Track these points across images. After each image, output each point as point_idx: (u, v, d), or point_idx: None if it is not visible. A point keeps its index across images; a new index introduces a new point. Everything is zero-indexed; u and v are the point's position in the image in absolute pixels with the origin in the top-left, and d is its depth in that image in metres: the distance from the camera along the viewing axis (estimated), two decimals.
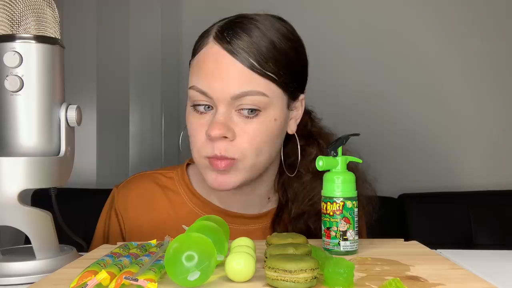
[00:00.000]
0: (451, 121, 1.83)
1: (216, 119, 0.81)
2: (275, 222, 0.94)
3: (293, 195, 0.93)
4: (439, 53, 1.83)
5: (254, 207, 0.95)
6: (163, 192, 0.96)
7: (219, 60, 0.82)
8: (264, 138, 0.83)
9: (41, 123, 0.70)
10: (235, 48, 0.81)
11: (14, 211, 0.67)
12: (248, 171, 0.84)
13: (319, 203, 0.80)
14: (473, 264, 0.66)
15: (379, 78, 1.83)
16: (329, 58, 1.82)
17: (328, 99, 1.76)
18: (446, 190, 1.75)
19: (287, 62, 0.85)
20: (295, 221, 0.91)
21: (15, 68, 0.68)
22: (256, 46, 0.81)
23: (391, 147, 1.81)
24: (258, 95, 0.81)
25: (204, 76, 0.82)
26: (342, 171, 0.73)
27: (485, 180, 1.78)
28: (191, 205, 0.94)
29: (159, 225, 0.93)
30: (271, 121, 0.84)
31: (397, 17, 1.84)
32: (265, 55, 0.81)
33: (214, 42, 0.83)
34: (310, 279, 0.54)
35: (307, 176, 0.92)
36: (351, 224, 0.71)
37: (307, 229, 0.90)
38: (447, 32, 1.83)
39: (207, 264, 0.54)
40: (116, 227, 0.96)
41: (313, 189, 0.91)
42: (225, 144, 0.81)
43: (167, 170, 0.99)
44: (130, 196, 0.96)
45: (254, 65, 0.80)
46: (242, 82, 0.81)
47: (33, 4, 0.69)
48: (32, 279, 0.65)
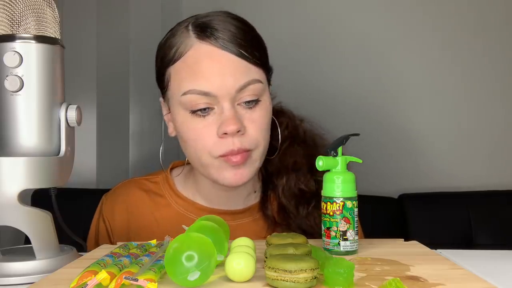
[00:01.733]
0: (451, 121, 1.83)
1: (226, 115, 0.82)
2: (264, 203, 0.95)
3: (275, 167, 0.95)
4: (439, 53, 1.83)
5: (239, 201, 0.95)
6: (148, 197, 0.97)
7: (213, 56, 0.82)
8: (267, 124, 0.87)
9: (41, 123, 0.70)
10: (223, 42, 0.82)
11: (14, 211, 0.68)
12: (259, 160, 0.87)
13: (304, 165, 0.81)
14: (473, 264, 0.66)
15: (379, 79, 1.83)
16: (329, 59, 1.81)
17: (328, 99, 1.76)
18: (446, 190, 1.74)
19: (260, 46, 0.88)
20: (285, 190, 0.93)
21: (15, 68, 0.68)
22: (238, 36, 0.84)
23: (391, 147, 1.81)
24: (257, 83, 0.84)
25: (202, 77, 0.82)
26: (342, 171, 0.73)
27: (485, 180, 1.78)
28: (176, 206, 0.96)
29: (146, 228, 0.95)
30: (268, 106, 0.87)
31: (396, 18, 1.84)
32: (248, 43, 0.84)
33: (200, 42, 0.83)
34: (310, 279, 0.54)
35: (283, 144, 0.94)
36: (351, 224, 0.71)
37: (301, 192, 0.92)
38: (447, 32, 1.83)
39: (207, 264, 0.54)
40: (105, 233, 0.98)
41: (293, 154, 0.94)
42: (238, 137, 0.82)
43: (153, 176, 1.01)
44: (116, 203, 0.99)
45: (244, 54, 0.83)
46: (241, 73, 0.82)
47: (33, 4, 0.69)
48: (32, 279, 0.65)
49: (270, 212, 0.94)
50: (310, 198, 0.91)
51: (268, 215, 0.94)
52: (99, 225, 0.99)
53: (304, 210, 0.91)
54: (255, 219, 0.95)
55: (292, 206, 0.92)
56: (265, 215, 0.94)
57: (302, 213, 0.91)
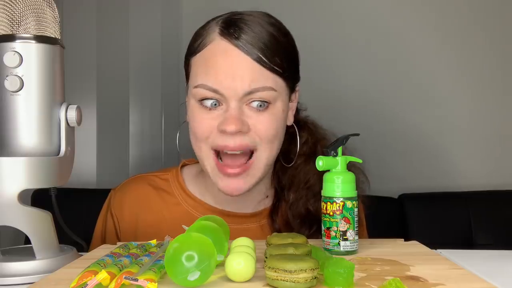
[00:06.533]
0: (451, 121, 1.83)
1: (230, 114, 0.81)
2: (273, 212, 0.94)
3: (288, 181, 0.94)
4: (438, 53, 1.83)
5: (250, 205, 0.95)
6: (157, 194, 0.97)
7: (229, 55, 0.82)
8: (275, 130, 0.85)
9: (41, 123, 0.70)
10: (243, 43, 0.82)
11: (14, 211, 0.67)
12: (262, 169, 0.86)
13: (316, 185, 0.80)
14: (473, 264, 0.66)
15: (379, 79, 1.83)
16: (329, 59, 1.82)
17: (328, 99, 1.76)
18: (446, 190, 1.74)
19: (288, 55, 0.86)
20: (293, 206, 0.92)
21: (15, 68, 0.68)
22: (262, 40, 0.82)
23: (391, 147, 1.81)
24: (268, 90, 0.82)
25: (213, 74, 0.82)
26: (342, 171, 0.73)
27: (485, 180, 1.78)
28: (185, 205, 0.95)
29: (154, 226, 0.94)
30: (280, 113, 0.85)
31: (396, 18, 1.84)
32: (270, 48, 0.83)
33: (221, 38, 0.83)
34: (310, 279, 0.54)
35: (299, 159, 0.93)
36: (351, 224, 0.71)
37: (307, 212, 0.91)
38: (445, 32, 1.83)
39: (207, 264, 0.54)
40: (112, 229, 0.97)
41: (308, 172, 0.92)
42: (240, 136, 0.82)
43: (162, 172, 1.00)
44: (125, 199, 0.97)
45: (262, 59, 0.82)
46: (252, 77, 0.81)
47: (33, 4, 0.69)
48: (32, 279, 0.65)
49: (278, 224, 0.93)
50: (313, 222, 0.89)
51: (275, 226, 0.93)
52: (106, 221, 0.98)
53: (306, 231, 0.89)
54: (262, 225, 0.94)
55: (296, 224, 0.91)
56: (272, 224, 0.93)
57: (304, 234, 0.90)
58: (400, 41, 1.83)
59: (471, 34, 1.83)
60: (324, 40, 1.81)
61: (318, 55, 1.78)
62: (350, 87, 1.82)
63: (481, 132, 1.83)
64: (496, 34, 1.83)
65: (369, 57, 1.83)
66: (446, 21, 1.83)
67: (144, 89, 1.82)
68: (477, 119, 1.83)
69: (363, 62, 1.83)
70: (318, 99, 1.74)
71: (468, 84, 1.83)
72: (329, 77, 1.81)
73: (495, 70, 1.83)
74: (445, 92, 1.83)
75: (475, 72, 1.83)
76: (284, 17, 0.90)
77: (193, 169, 0.99)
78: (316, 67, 1.77)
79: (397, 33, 1.83)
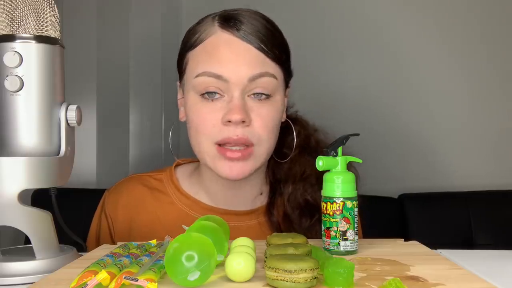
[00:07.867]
0: (451, 121, 1.83)
1: (234, 104, 0.82)
2: (270, 206, 0.94)
3: (284, 174, 0.94)
4: (438, 53, 1.83)
5: (245, 202, 0.95)
6: (151, 194, 0.97)
7: (232, 45, 0.83)
8: (275, 122, 0.87)
9: (41, 123, 0.70)
10: (245, 33, 0.83)
11: (14, 211, 0.67)
12: (264, 156, 0.86)
13: (312, 175, 0.80)
14: (473, 264, 0.66)
15: (379, 79, 1.83)
16: (329, 59, 1.81)
17: (327, 100, 1.76)
18: (446, 190, 1.74)
19: (284, 49, 0.89)
20: (292, 198, 0.92)
21: (15, 68, 0.68)
22: (261, 32, 0.85)
23: (391, 147, 1.81)
24: (271, 77, 0.84)
25: (217, 61, 0.83)
26: (342, 171, 0.73)
27: (485, 180, 1.78)
28: (180, 204, 0.95)
29: (148, 226, 0.94)
30: (279, 106, 0.87)
31: (395, 18, 1.84)
32: (270, 40, 0.85)
33: (222, 31, 0.85)
34: (310, 279, 0.54)
35: (294, 152, 0.94)
36: (351, 224, 0.71)
37: (306, 202, 0.91)
38: (445, 32, 1.83)
39: (207, 264, 0.54)
40: (106, 230, 0.97)
41: (303, 163, 0.93)
42: (241, 128, 0.82)
43: (156, 172, 1.00)
44: (119, 199, 0.98)
45: (264, 48, 0.83)
46: (256, 63, 0.83)
47: (33, 4, 0.69)
48: (32, 279, 0.65)
49: (276, 218, 0.93)
50: (313, 211, 0.90)
51: (273, 220, 0.93)
52: (101, 222, 0.98)
53: (307, 221, 0.90)
54: (260, 222, 0.94)
55: (296, 216, 0.91)
56: (270, 220, 0.93)
57: (305, 225, 0.90)
58: (399, 41, 1.83)
59: (470, 35, 1.83)
60: (324, 40, 1.81)
61: (318, 55, 1.78)
62: (349, 88, 1.82)
63: (481, 132, 1.83)
64: (496, 34, 1.83)
65: (368, 58, 1.83)
66: (446, 22, 1.83)
67: (144, 89, 1.82)
68: (477, 119, 1.83)
69: (363, 63, 1.83)
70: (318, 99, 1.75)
71: (468, 84, 1.83)
72: (328, 77, 1.80)
73: (494, 71, 1.83)
74: (446, 92, 1.83)
75: (474, 72, 1.83)
76: (284, 17, 0.91)
77: (187, 168, 1.00)
78: (315, 67, 1.77)
79: (396, 34, 1.83)
